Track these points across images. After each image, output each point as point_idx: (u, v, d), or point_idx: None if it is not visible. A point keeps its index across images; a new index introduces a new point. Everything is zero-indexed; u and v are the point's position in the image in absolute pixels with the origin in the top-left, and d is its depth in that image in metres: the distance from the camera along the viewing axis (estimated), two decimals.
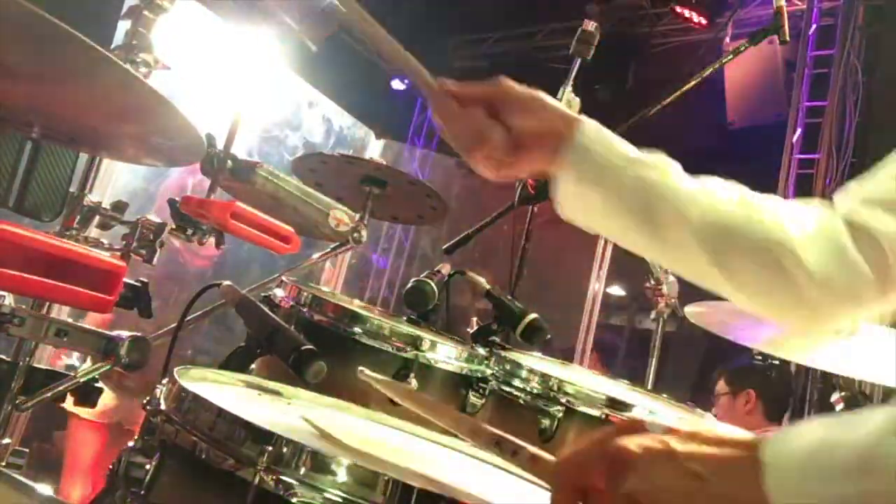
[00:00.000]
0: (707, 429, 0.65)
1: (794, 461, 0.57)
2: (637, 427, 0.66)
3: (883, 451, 0.54)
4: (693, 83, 2.34)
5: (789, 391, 4.00)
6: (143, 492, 0.90)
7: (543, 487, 0.73)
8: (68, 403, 1.51)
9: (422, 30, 8.14)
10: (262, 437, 0.81)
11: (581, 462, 0.69)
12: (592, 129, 1.03)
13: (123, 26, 1.59)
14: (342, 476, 0.79)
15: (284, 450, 0.80)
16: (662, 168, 1.05)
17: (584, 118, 1.03)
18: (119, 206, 1.63)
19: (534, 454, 0.75)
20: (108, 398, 3.34)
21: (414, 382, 1.57)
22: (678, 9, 6.67)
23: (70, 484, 3.28)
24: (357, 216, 2.11)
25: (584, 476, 0.66)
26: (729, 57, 2.47)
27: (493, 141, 0.99)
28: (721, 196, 1.04)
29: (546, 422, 1.57)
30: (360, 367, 1.13)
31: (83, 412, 3.16)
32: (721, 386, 3.55)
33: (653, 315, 2.57)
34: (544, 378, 1.63)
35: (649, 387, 2.11)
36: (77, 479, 3.32)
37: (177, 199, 1.68)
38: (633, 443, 0.63)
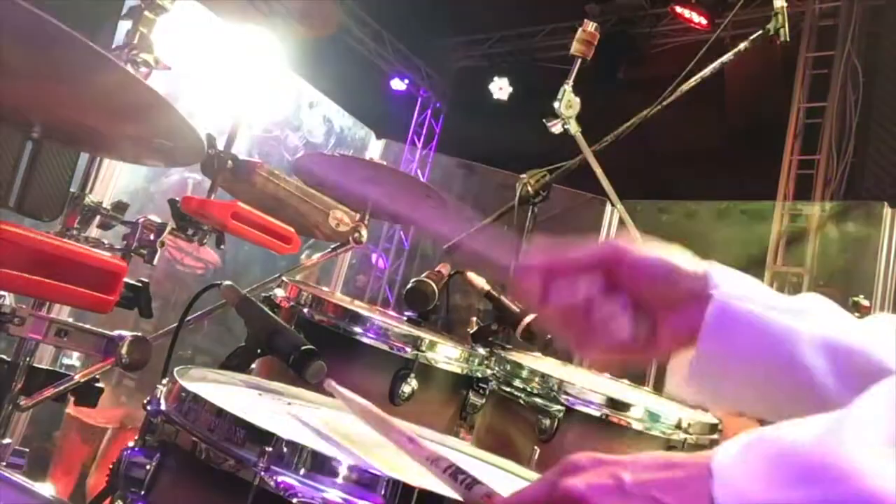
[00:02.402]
0: (650, 454, 0.63)
1: (742, 467, 0.57)
2: (583, 465, 0.62)
3: (829, 458, 0.54)
4: (693, 83, 2.34)
5: None
6: (143, 492, 0.90)
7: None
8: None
9: (422, 30, 8.16)
10: (262, 437, 0.81)
11: None
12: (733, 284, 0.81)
13: (124, 26, 1.59)
14: (342, 476, 0.79)
15: (284, 450, 0.80)
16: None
17: (718, 278, 0.81)
18: (119, 206, 1.63)
19: (487, 493, 0.73)
20: (107, 402, 3.34)
21: (414, 382, 1.57)
22: (678, 9, 6.68)
23: (57, 482, 3.29)
24: (357, 216, 2.11)
25: None
26: (729, 57, 2.47)
27: (617, 326, 0.79)
28: None
29: (546, 422, 1.57)
30: (327, 380, 1.11)
31: (81, 413, 3.17)
32: None
33: None
34: (544, 378, 1.63)
35: (649, 387, 2.11)
36: (64, 479, 3.33)
37: (177, 199, 1.68)
38: (580, 481, 0.60)
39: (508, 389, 1.68)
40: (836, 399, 0.76)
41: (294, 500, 0.77)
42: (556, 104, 2.20)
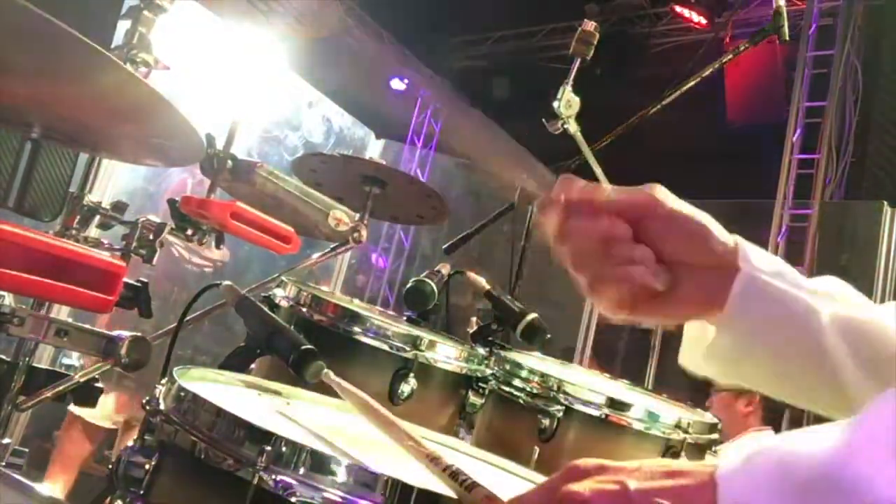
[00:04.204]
0: (654, 462, 0.63)
1: (747, 478, 0.56)
2: (587, 470, 0.61)
3: (837, 470, 0.53)
4: (693, 83, 2.34)
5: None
6: (142, 492, 0.90)
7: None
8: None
9: (422, 30, 8.15)
10: (262, 437, 0.81)
11: None
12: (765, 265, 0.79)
13: (123, 26, 1.59)
14: (341, 476, 0.79)
15: (284, 450, 0.80)
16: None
17: (748, 251, 0.80)
18: (119, 206, 1.63)
19: (488, 495, 0.73)
20: (109, 402, 3.35)
21: (414, 382, 1.57)
22: (678, 9, 6.68)
23: (54, 480, 3.30)
24: (357, 216, 2.11)
25: None
26: (729, 57, 2.47)
27: (637, 271, 0.75)
28: None
29: (546, 422, 1.57)
30: (326, 370, 1.11)
31: (83, 412, 3.17)
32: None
33: None
34: (544, 378, 1.63)
35: (649, 387, 2.11)
36: (62, 478, 3.34)
37: (177, 199, 1.68)
38: (584, 487, 0.59)
39: (508, 389, 1.68)
40: (853, 381, 0.76)
41: (293, 500, 0.77)
42: (555, 104, 2.20)
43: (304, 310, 1.65)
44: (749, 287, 0.77)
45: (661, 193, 0.77)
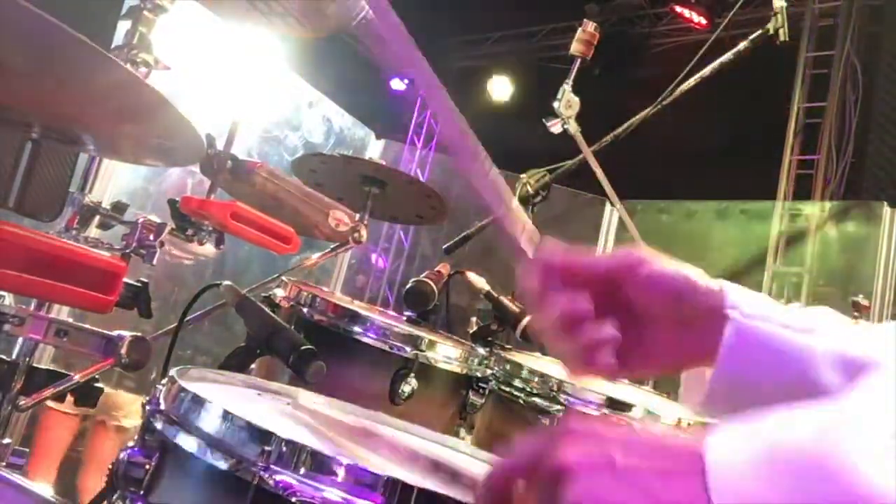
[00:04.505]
0: (647, 433, 0.62)
1: (739, 466, 0.56)
2: (578, 434, 0.59)
3: (828, 457, 0.53)
4: (693, 83, 2.34)
5: None
6: (142, 492, 0.90)
7: None
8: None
9: (422, 30, 8.14)
10: (262, 436, 0.81)
11: (510, 474, 0.62)
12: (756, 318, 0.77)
13: (123, 26, 1.59)
14: (341, 476, 0.79)
15: (284, 449, 0.80)
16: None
17: (735, 297, 0.78)
18: (119, 207, 1.63)
19: (471, 482, 0.73)
20: None
21: (414, 382, 1.57)
22: (678, 8, 6.68)
23: (35, 472, 3.29)
24: (357, 216, 2.11)
25: (513, 488, 0.63)
26: (729, 57, 2.47)
27: (597, 356, 0.75)
28: None
29: (546, 422, 1.57)
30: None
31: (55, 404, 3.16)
32: None
33: None
34: (544, 378, 1.63)
35: (649, 386, 2.11)
36: (43, 468, 3.33)
37: (177, 199, 1.68)
38: (571, 452, 0.58)
39: (508, 389, 1.68)
40: None
41: (293, 500, 0.77)
42: (555, 104, 2.20)
43: (304, 310, 1.65)
44: (739, 335, 0.77)
45: (643, 254, 0.78)
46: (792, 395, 0.77)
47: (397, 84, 8.17)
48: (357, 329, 1.59)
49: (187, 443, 0.87)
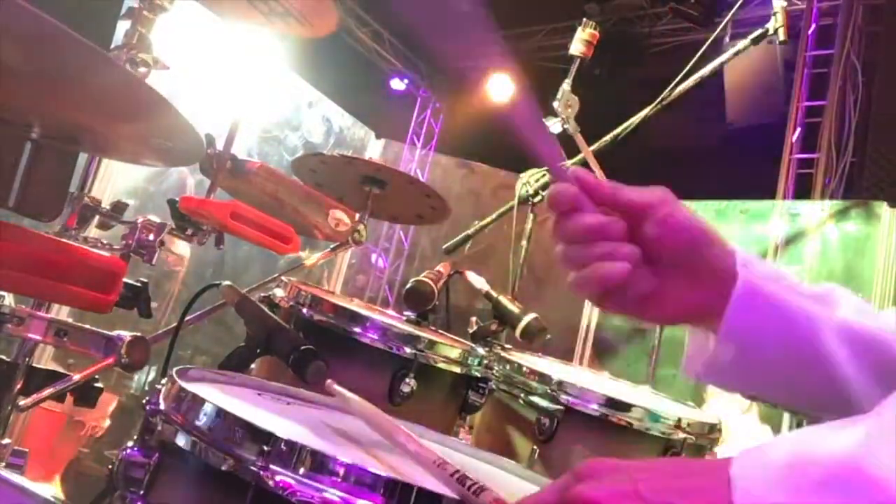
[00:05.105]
0: (666, 460, 0.63)
1: (762, 474, 0.56)
2: (599, 470, 0.61)
3: (853, 467, 0.53)
4: (693, 83, 2.34)
5: None
6: (142, 492, 0.90)
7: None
8: None
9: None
10: (261, 436, 0.81)
11: None
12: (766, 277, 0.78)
13: (123, 26, 1.59)
14: (341, 475, 0.79)
15: (283, 449, 0.80)
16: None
17: (747, 258, 0.80)
18: (119, 207, 1.63)
19: (496, 499, 0.73)
20: None
21: (414, 382, 1.57)
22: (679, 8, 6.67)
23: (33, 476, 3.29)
24: (357, 216, 2.11)
25: None
26: (729, 57, 2.47)
27: (612, 266, 0.75)
28: None
29: (546, 421, 1.57)
30: (329, 381, 1.11)
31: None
32: None
33: None
34: (544, 378, 1.63)
35: (649, 387, 2.11)
36: (35, 464, 3.33)
37: (176, 198, 1.68)
38: (595, 486, 0.59)
39: (508, 389, 1.68)
40: (857, 388, 0.76)
41: (293, 500, 0.77)
42: (555, 104, 2.20)
43: (304, 310, 1.65)
44: (748, 293, 0.77)
45: (669, 196, 0.78)
46: (795, 359, 0.78)
47: (397, 84, 8.17)
48: (357, 329, 1.59)
49: (187, 443, 0.87)
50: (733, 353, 0.79)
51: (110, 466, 0.94)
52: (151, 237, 1.58)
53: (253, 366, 1.31)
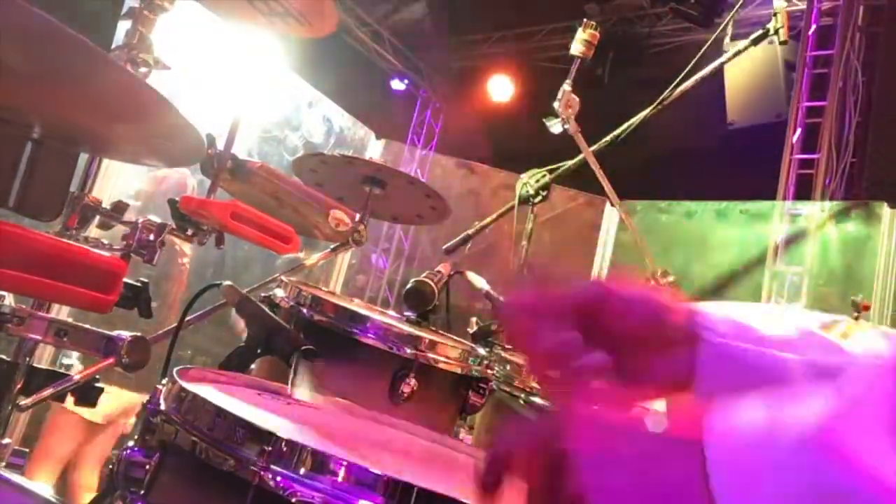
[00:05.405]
0: (650, 415, 0.63)
1: (735, 440, 0.57)
2: (583, 417, 0.61)
3: (825, 436, 0.54)
4: (693, 83, 2.34)
5: None
6: (142, 492, 0.90)
7: None
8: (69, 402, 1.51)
9: (422, 30, 8.16)
10: (262, 436, 0.81)
11: (514, 451, 0.63)
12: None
13: (123, 26, 1.59)
14: (341, 475, 0.79)
15: (284, 449, 0.80)
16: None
17: (706, 316, 0.79)
18: (119, 207, 1.63)
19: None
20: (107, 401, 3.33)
21: (414, 382, 1.57)
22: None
23: (35, 471, 3.28)
24: (357, 216, 2.11)
25: (514, 465, 0.63)
26: (729, 57, 2.47)
27: (588, 366, 0.75)
28: None
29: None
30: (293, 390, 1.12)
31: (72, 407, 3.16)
32: None
33: None
34: None
35: None
36: (45, 469, 3.32)
37: (176, 198, 1.68)
38: (579, 439, 0.59)
39: (508, 389, 1.68)
40: None
41: (293, 500, 0.77)
42: (555, 104, 2.20)
43: (304, 310, 1.65)
44: (715, 357, 0.76)
45: (611, 282, 0.77)
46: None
47: (397, 84, 8.18)
48: (357, 329, 1.59)
49: (187, 443, 0.87)
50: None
51: (111, 466, 0.94)
52: (152, 237, 1.58)
53: (253, 366, 1.31)
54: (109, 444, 3.50)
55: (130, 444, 0.94)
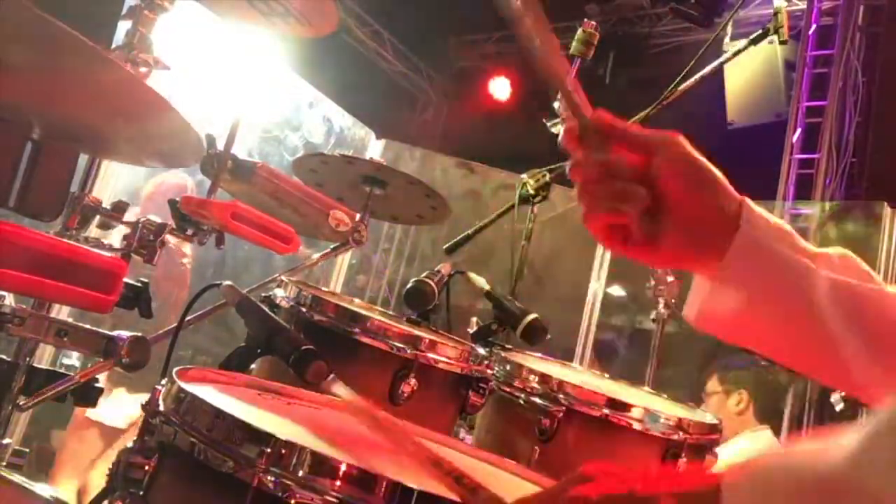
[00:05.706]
0: (660, 467, 0.65)
1: (751, 483, 0.57)
2: (593, 475, 0.63)
3: (839, 486, 0.53)
4: (693, 83, 2.34)
5: (783, 393, 4.00)
6: (141, 492, 0.90)
7: None
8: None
9: (422, 30, 8.16)
10: (261, 438, 0.81)
11: None
12: (764, 227, 0.81)
13: (123, 26, 1.59)
14: (341, 477, 0.79)
15: (283, 451, 0.80)
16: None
17: (751, 212, 0.83)
18: (119, 207, 1.63)
19: (491, 497, 0.73)
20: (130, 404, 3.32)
21: (414, 382, 1.57)
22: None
23: (62, 481, 3.27)
24: (357, 216, 2.11)
25: None
26: (729, 57, 2.47)
27: (633, 203, 0.79)
28: None
29: (546, 422, 1.57)
30: (332, 376, 1.11)
31: (93, 413, 3.15)
32: (713, 384, 3.52)
33: (653, 315, 2.58)
34: (544, 378, 1.63)
35: (649, 387, 2.11)
36: (70, 475, 3.31)
37: (177, 199, 1.68)
38: (590, 490, 0.61)
39: (508, 389, 1.68)
40: (848, 349, 0.78)
41: (292, 502, 0.77)
42: (555, 104, 2.20)
43: (304, 310, 1.65)
44: (747, 245, 0.79)
45: (680, 138, 0.82)
46: (788, 315, 0.81)
47: (397, 84, 8.18)
48: (357, 329, 1.59)
49: (187, 444, 0.87)
50: (728, 301, 0.81)
51: (110, 467, 0.94)
52: (152, 237, 1.58)
53: (253, 366, 1.31)
54: None
55: (129, 444, 0.94)
